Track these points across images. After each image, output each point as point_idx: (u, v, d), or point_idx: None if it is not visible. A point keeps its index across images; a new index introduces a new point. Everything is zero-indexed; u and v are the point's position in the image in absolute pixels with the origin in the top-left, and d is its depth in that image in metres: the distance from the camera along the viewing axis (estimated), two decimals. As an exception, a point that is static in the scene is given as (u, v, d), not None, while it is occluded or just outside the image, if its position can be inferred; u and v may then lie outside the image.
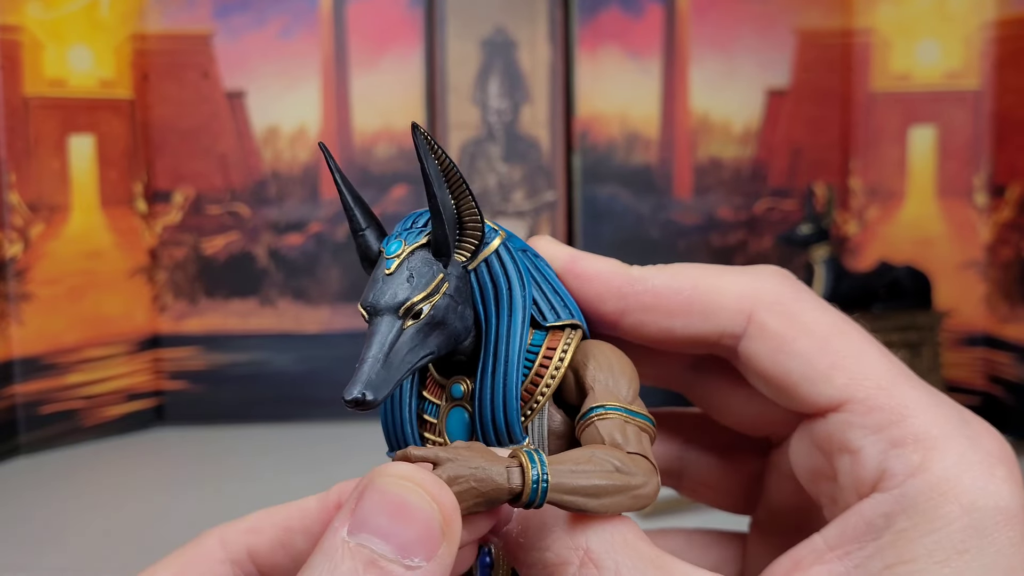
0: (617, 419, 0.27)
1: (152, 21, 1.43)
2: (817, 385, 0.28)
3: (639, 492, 0.26)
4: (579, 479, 0.25)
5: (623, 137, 1.49)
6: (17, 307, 1.33)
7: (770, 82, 1.50)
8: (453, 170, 0.27)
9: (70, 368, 1.39)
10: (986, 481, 0.26)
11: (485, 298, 0.28)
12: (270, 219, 1.47)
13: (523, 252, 0.29)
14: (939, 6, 1.46)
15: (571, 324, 0.29)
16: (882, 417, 0.27)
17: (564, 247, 0.31)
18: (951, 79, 1.46)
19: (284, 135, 1.46)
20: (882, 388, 0.27)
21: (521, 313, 0.28)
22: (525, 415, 0.28)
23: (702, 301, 0.30)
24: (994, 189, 1.44)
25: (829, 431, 0.28)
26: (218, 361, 1.48)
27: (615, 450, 0.26)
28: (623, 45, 1.47)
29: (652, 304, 0.30)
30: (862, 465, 0.27)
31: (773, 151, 1.51)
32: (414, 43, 1.44)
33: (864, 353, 0.28)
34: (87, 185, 1.40)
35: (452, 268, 0.27)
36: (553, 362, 0.28)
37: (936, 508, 0.26)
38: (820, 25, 1.49)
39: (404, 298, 0.27)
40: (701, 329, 0.30)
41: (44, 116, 1.34)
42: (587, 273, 0.30)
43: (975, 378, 1.46)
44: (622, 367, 0.28)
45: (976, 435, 0.27)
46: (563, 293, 0.30)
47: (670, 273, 0.30)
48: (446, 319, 0.27)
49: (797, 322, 0.29)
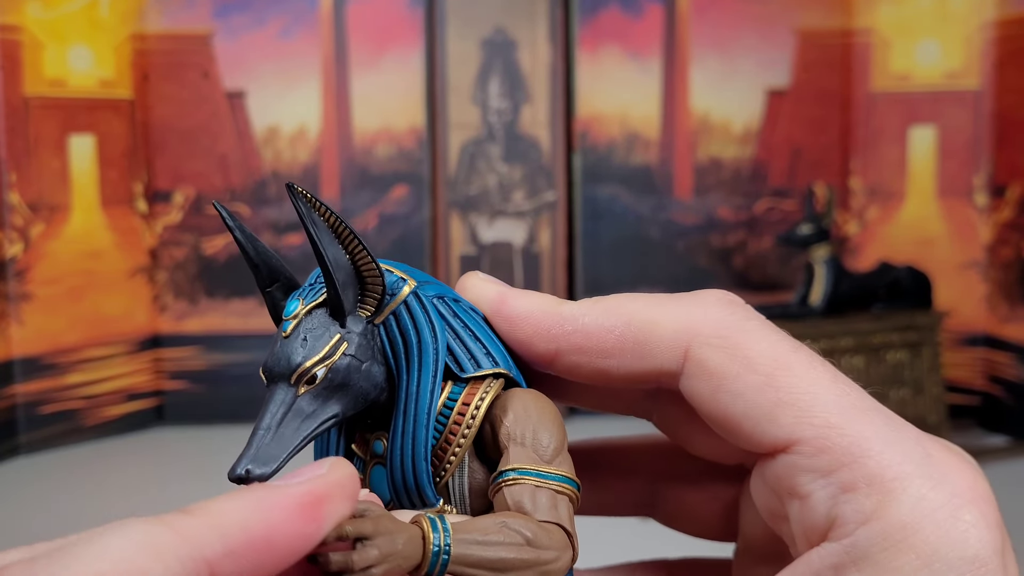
0: (528, 485, 0.25)
1: (152, 21, 1.43)
2: (761, 425, 0.25)
3: (549, 567, 0.24)
4: (485, 551, 0.23)
5: (623, 137, 1.49)
6: (17, 307, 1.33)
7: (770, 82, 1.50)
8: (342, 225, 0.25)
9: (70, 368, 1.39)
10: (949, 527, 0.23)
11: (396, 352, 0.26)
12: (270, 219, 1.47)
13: (440, 299, 0.27)
14: (939, 6, 1.46)
15: (493, 373, 0.27)
16: (832, 459, 0.24)
17: (492, 286, 0.29)
18: (951, 79, 1.46)
19: (284, 135, 1.46)
20: (832, 426, 0.25)
21: (432, 367, 0.26)
22: (440, 475, 0.27)
23: (635, 339, 0.27)
24: (994, 189, 1.44)
25: (778, 473, 0.26)
26: (218, 361, 1.49)
27: (528, 520, 0.24)
28: (623, 45, 1.47)
29: (584, 345, 0.27)
30: (811, 511, 0.25)
31: (773, 151, 1.52)
32: (414, 43, 1.44)
33: (813, 386, 0.25)
34: (87, 185, 1.40)
35: (353, 325, 0.26)
36: (466, 418, 0.26)
37: (891, 560, 0.23)
38: (820, 25, 1.49)
39: (296, 363, 0.25)
40: (637, 368, 0.27)
41: (44, 116, 1.35)
42: (515, 315, 0.28)
43: (975, 378, 1.47)
44: (543, 420, 0.26)
45: (941, 474, 0.24)
46: (487, 339, 0.28)
47: (602, 309, 0.28)
48: (348, 380, 0.25)
49: (738, 356, 0.26)
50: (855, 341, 1.26)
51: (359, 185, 1.48)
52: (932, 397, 1.30)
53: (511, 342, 0.28)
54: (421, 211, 1.47)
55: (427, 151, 1.46)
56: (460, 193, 1.47)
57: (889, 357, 1.28)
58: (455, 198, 1.47)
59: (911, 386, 1.29)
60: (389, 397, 0.27)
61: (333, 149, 1.47)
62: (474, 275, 0.29)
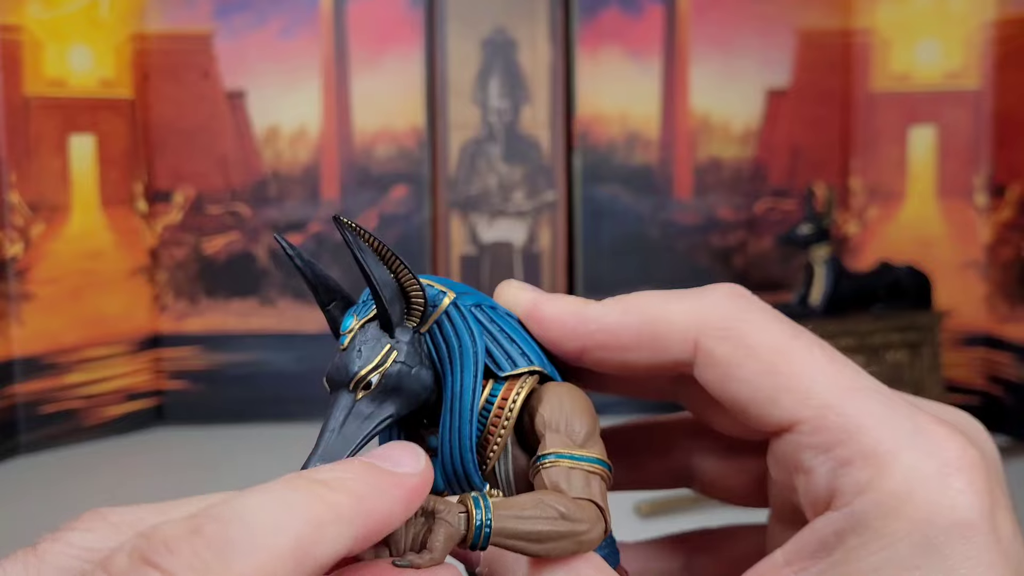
0: (563, 467, 0.28)
1: (152, 21, 1.43)
2: (765, 409, 0.28)
3: (583, 538, 0.27)
4: (523, 524, 0.26)
5: (623, 137, 1.49)
6: (18, 307, 1.33)
7: (770, 82, 1.50)
8: (385, 248, 0.28)
9: (70, 368, 1.39)
10: (940, 494, 0.25)
11: (440, 357, 0.30)
12: (270, 219, 1.47)
13: (477, 307, 0.31)
14: (939, 6, 1.46)
15: (528, 371, 0.30)
16: (830, 436, 0.27)
17: (527, 292, 0.31)
18: (951, 79, 1.46)
19: (284, 135, 1.46)
20: (829, 406, 0.27)
21: (473, 368, 0.29)
22: (485, 463, 0.30)
23: (651, 333, 0.30)
24: (994, 189, 1.44)
25: (785, 451, 0.28)
26: (218, 361, 1.48)
27: (563, 497, 0.27)
28: (623, 45, 1.47)
29: (607, 341, 0.30)
30: (815, 484, 0.27)
31: (773, 151, 1.52)
32: (414, 43, 1.45)
33: (811, 371, 0.28)
34: (88, 185, 1.40)
35: (401, 335, 0.29)
36: (505, 411, 0.29)
37: (885, 525, 0.25)
38: (820, 25, 1.49)
39: (353, 372, 0.28)
40: (656, 360, 0.30)
41: (44, 116, 1.35)
42: (545, 318, 0.31)
43: (975, 378, 1.47)
44: (575, 409, 0.29)
45: (931, 445, 0.26)
46: (522, 340, 0.31)
47: (622, 307, 0.30)
48: (400, 384, 0.29)
49: (742, 346, 0.28)
50: (855, 341, 1.27)
51: (359, 185, 1.48)
52: (932, 397, 1.29)
53: (544, 342, 0.31)
54: (421, 211, 1.47)
55: (427, 151, 1.46)
56: (460, 193, 1.47)
57: (889, 357, 1.29)
58: (455, 198, 1.47)
59: (911, 386, 1.29)
60: (438, 397, 0.30)
61: (333, 149, 1.47)
62: (509, 283, 0.32)
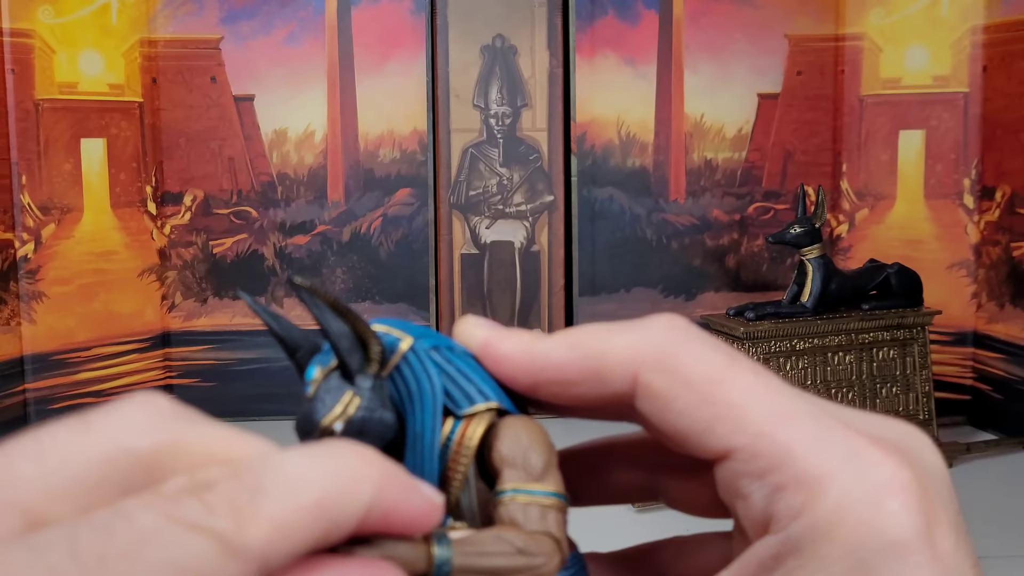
0: (519, 503, 0.29)
1: (161, 27, 1.45)
2: (702, 438, 0.28)
3: (540, 571, 0.28)
4: (484, 560, 0.27)
5: (620, 141, 1.51)
6: (29, 306, 1.35)
7: (763, 87, 1.52)
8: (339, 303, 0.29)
9: (81, 366, 1.41)
10: (871, 516, 0.25)
11: (402, 399, 0.31)
12: (277, 220, 1.50)
13: (434, 350, 0.31)
14: (928, 13, 1.48)
15: (485, 408, 0.31)
16: (764, 463, 0.27)
17: (480, 330, 0.32)
18: (940, 84, 1.48)
19: (291, 138, 1.49)
20: (762, 434, 0.27)
21: (432, 408, 0.30)
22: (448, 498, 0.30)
23: (593, 368, 0.30)
24: (982, 191, 1.46)
25: (724, 477, 0.29)
26: (226, 359, 1.50)
27: (519, 532, 0.28)
28: (620, 52, 1.49)
29: (555, 377, 0.31)
30: (752, 509, 0.27)
31: (765, 154, 1.53)
32: (417, 49, 1.47)
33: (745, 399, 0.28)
34: (98, 187, 1.42)
35: (362, 382, 0.30)
36: (463, 447, 0.30)
37: (819, 548, 0.26)
38: (812, 31, 1.51)
39: (317, 421, 0.29)
40: (600, 393, 0.30)
41: (55, 119, 1.37)
42: (497, 356, 0.31)
43: (963, 376, 1.49)
44: (532, 443, 0.30)
45: (864, 467, 0.26)
46: (479, 378, 0.31)
47: (569, 343, 0.31)
48: (364, 428, 0.29)
49: (678, 378, 0.29)
50: (845, 339, 1.27)
51: (364, 187, 1.50)
52: (921, 394, 1.31)
53: (498, 378, 0.31)
54: (424, 212, 1.49)
55: (430, 154, 1.48)
56: (461, 195, 1.49)
57: (879, 355, 1.30)
58: (456, 200, 1.49)
59: (900, 384, 1.30)
60: (401, 436, 0.31)
61: (338, 152, 1.49)
62: (466, 320, 0.32)
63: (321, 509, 0.23)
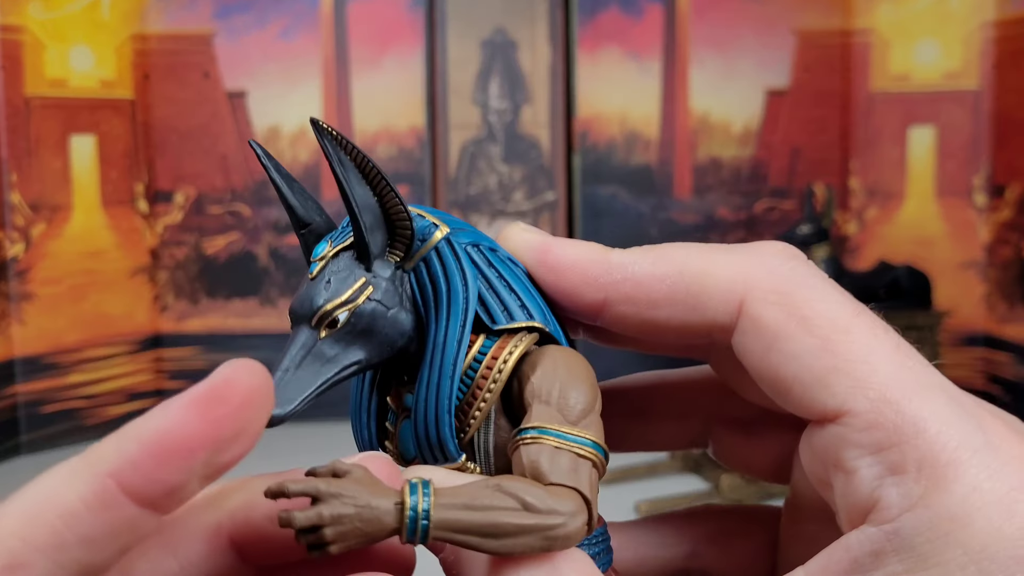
0: (547, 445, 0.23)
1: (153, 21, 1.44)
2: (812, 391, 0.24)
3: (554, 533, 0.22)
4: (473, 515, 0.22)
5: (623, 137, 1.49)
6: (18, 307, 1.34)
7: (770, 82, 1.50)
8: (369, 165, 0.24)
9: (71, 368, 1.39)
10: (1003, 521, 0.21)
11: (425, 300, 0.25)
12: (271, 219, 1.48)
13: (474, 247, 0.26)
14: (938, 7, 1.46)
15: (527, 327, 0.26)
16: (882, 436, 0.23)
17: (535, 234, 0.27)
18: (950, 79, 1.46)
19: (285, 135, 1.47)
20: (887, 400, 0.23)
21: (461, 316, 0.25)
22: (464, 430, 0.25)
23: (687, 289, 0.25)
24: (993, 189, 1.44)
25: (826, 443, 0.24)
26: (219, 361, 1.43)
27: (530, 483, 0.23)
28: (623, 46, 1.48)
29: (633, 294, 0.26)
30: (855, 489, 0.23)
31: (773, 151, 1.52)
32: (415, 44, 1.45)
33: (873, 355, 0.23)
34: (88, 185, 1.40)
35: (381, 269, 0.25)
36: (493, 371, 0.25)
37: (936, 553, 0.22)
38: (820, 26, 1.49)
39: (318, 305, 0.24)
40: (688, 321, 0.26)
41: (45, 116, 1.35)
42: (561, 263, 0.26)
43: (974, 377, 1.47)
44: (573, 379, 0.25)
45: (1001, 463, 0.22)
46: (523, 291, 0.26)
47: (654, 256, 0.26)
48: (373, 326, 0.25)
49: (795, 315, 0.24)
50: (854, 341, 1.26)
51: (360, 185, 1.48)
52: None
53: (556, 293, 0.27)
54: (421, 211, 1.47)
55: (427, 151, 1.46)
56: (461, 193, 1.48)
57: (888, 357, 1.28)
58: (456, 198, 1.48)
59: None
60: (419, 348, 0.26)
61: (334, 149, 1.48)
62: (516, 225, 0.27)
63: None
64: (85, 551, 0.20)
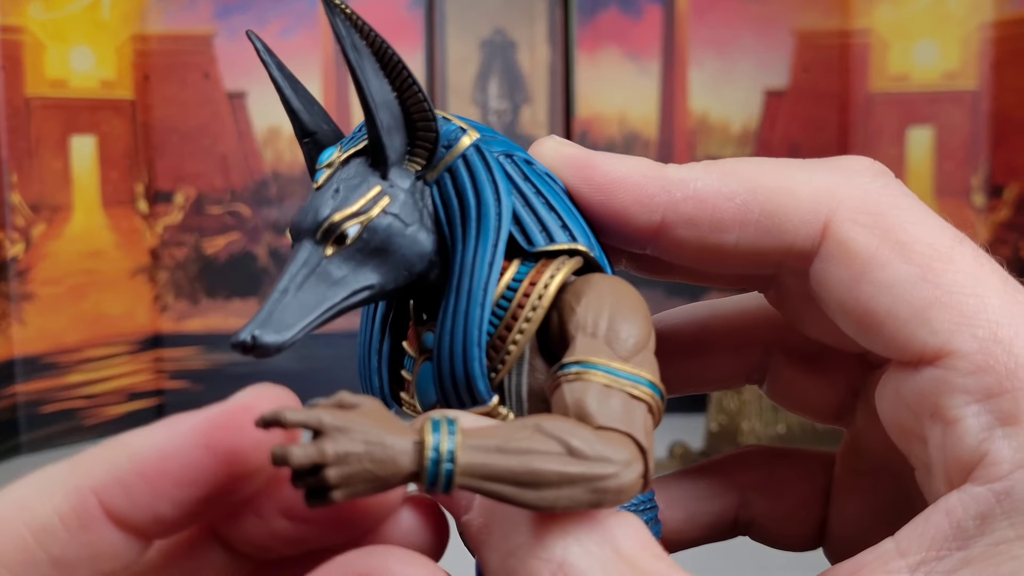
0: (595, 382, 0.20)
1: (153, 22, 1.43)
2: (909, 327, 0.20)
3: (604, 484, 0.18)
4: (509, 461, 0.18)
5: (622, 137, 1.49)
6: (19, 307, 1.34)
7: (768, 83, 1.50)
8: (389, 53, 0.20)
9: (71, 368, 1.39)
10: None
11: (450, 217, 0.22)
12: (271, 219, 1.48)
13: (507, 157, 0.22)
14: (937, 7, 1.46)
15: (569, 249, 0.22)
16: (992, 381, 0.19)
17: (576, 148, 0.23)
18: (949, 80, 1.46)
19: (285, 135, 1.46)
20: (999, 340, 0.19)
21: (494, 235, 0.21)
22: (496, 369, 0.22)
23: (761, 209, 0.22)
24: (992, 189, 1.44)
25: (921, 388, 0.20)
26: (219, 361, 1.49)
27: (576, 424, 0.19)
28: (622, 46, 1.48)
29: (695, 215, 0.22)
30: (958, 442, 0.20)
31: (771, 151, 1.52)
32: (414, 44, 1.45)
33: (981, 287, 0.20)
34: (88, 185, 1.40)
35: (399, 179, 0.21)
36: (531, 299, 0.21)
37: None
38: (818, 26, 1.49)
39: (323, 216, 0.21)
40: (759, 246, 0.22)
41: (46, 116, 1.35)
42: (608, 181, 0.22)
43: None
44: (625, 309, 0.21)
45: None
46: (564, 210, 0.22)
47: (720, 173, 0.22)
48: (388, 244, 0.21)
49: (890, 239, 0.21)
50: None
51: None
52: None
53: (602, 215, 0.23)
54: (421, 211, 1.47)
55: (427, 151, 1.46)
56: (460, 193, 1.48)
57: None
58: (455, 198, 1.48)
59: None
60: (442, 274, 0.22)
61: (333, 149, 1.48)
62: (552, 139, 0.24)
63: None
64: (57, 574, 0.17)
